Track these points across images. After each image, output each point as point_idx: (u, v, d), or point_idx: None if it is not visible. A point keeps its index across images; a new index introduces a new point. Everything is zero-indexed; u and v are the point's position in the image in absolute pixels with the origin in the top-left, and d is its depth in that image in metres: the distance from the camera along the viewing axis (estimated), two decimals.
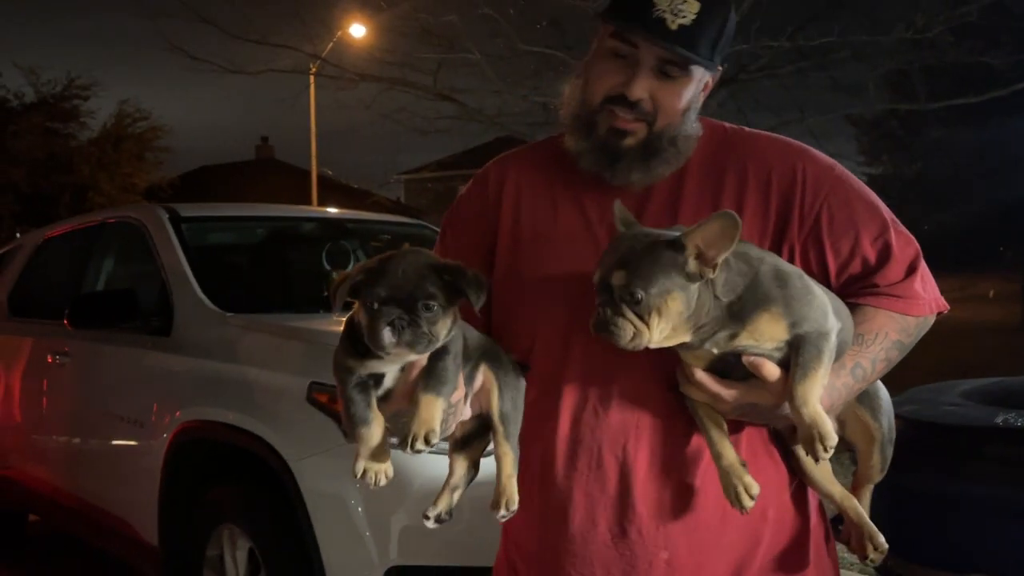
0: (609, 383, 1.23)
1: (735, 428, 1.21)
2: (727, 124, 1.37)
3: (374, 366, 1.12)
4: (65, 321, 3.32)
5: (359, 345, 1.10)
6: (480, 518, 2.37)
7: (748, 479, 1.15)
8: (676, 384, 1.20)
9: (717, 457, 1.17)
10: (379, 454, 1.12)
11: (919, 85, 9.39)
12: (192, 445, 2.92)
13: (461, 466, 1.27)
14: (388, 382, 1.14)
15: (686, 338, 1.13)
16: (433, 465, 2.26)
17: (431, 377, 1.11)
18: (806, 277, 1.17)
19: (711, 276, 1.09)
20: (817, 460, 1.15)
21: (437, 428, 1.08)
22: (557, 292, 1.28)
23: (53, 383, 3.91)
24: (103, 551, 3.68)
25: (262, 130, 31.58)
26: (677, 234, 1.10)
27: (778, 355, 1.14)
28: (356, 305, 1.13)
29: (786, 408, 1.13)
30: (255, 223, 4.24)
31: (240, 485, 2.75)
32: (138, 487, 3.13)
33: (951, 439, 2.32)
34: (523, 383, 1.25)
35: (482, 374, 1.21)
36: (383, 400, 1.14)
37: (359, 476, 1.11)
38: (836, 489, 1.29)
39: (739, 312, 1.12)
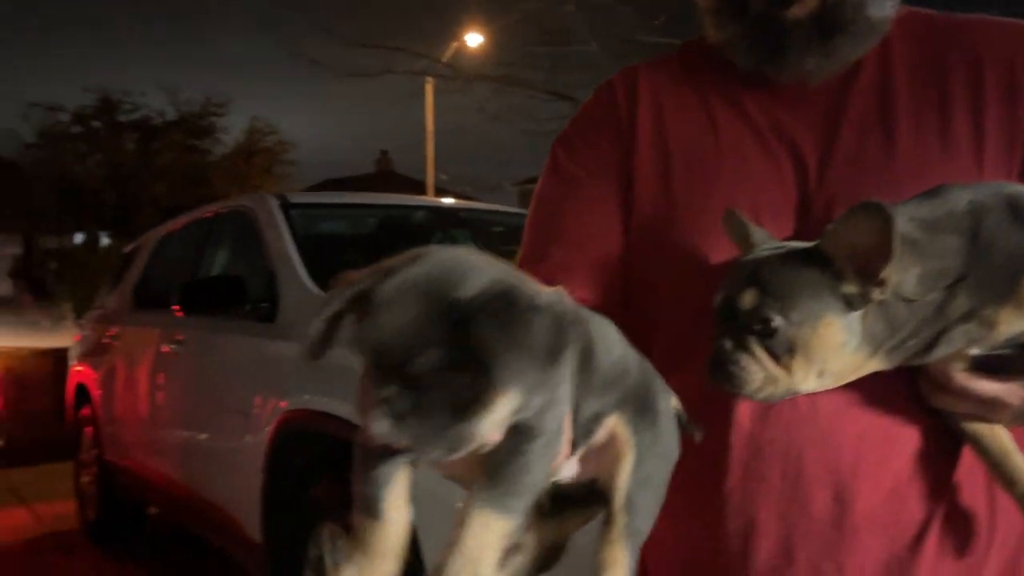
0: (842, 402, 0.85)
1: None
2: (929, 10, 1.01)
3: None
4: (175, 307, 3.27)
5: None
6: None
7: None
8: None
9: (1010, 484, 0.81)
10: (387, 560, 0.67)
11: None
12: (295, 436, 2.75)
13: (534, 542, 0.81)
14: None
15: (868, 369, 0.79)
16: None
17: (496, 477, 0.65)
18: None
19: (879, 297, 0.74)
20: None
21: (486, 573, 0.64)
22: (727, 245, 0.89)
23: (168, 373, 3.90)
24: (218, 548, 3.61)
25: (382, 144, 32.57)
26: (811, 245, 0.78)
27: None
28: None
29: None
30: (366, 211, 4.12)
31: (342, 481, 2.55)
32: (243, 480, 3.00)
33: None
34: (675, 451, 0.81)
35: (609, 428, 0.77)
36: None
37: None
38: None
39: (980, 292, 0.76)
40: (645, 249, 0.97)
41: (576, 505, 0.82)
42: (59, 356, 7.61)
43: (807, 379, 0.77)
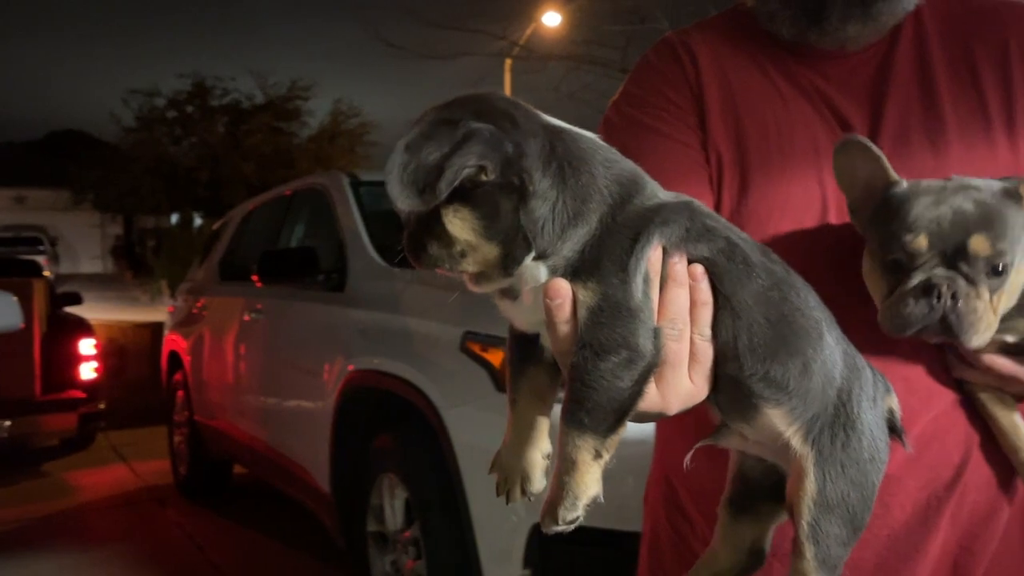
0: (888, 364, 0.86)
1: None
2: None
3: (503, 307, 0.71)
4: (254, 277, 3.51)
5: None
6: (636, 481, 2.21)
7: None
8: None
9: (1014, 451, 0.90)
10: (518, 452, 0.71)
11: None
12: (359, 394, 2.97)
13: (729, 543, 0.80)
14: (546, 342, 0.71)
15: None
16: None
17: (569, 394, 0.65)
18: None
19: None
20: None
21: (584, 498, 0.65)
22: (809, 221, 0.89)
23: (249, 339, 4.18)
24: (294, 499, 3.88)
25: None
26: (1008, 184, 0.78)
27: None
28: None
29: None
30: None
31: (400, 434, 2.75)
32: (313, 436, 3.25)
33: None
34: (877, 470, 0.73)
35: (775, 426, 0.71)
36: None
37: (489, 472, 0.75)
38: None
39: None
40: None
41: (769, 500, 0.78)
42: (156, 328, 8.14)
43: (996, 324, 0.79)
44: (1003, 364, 0.85)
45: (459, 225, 0.65)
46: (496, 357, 2.28)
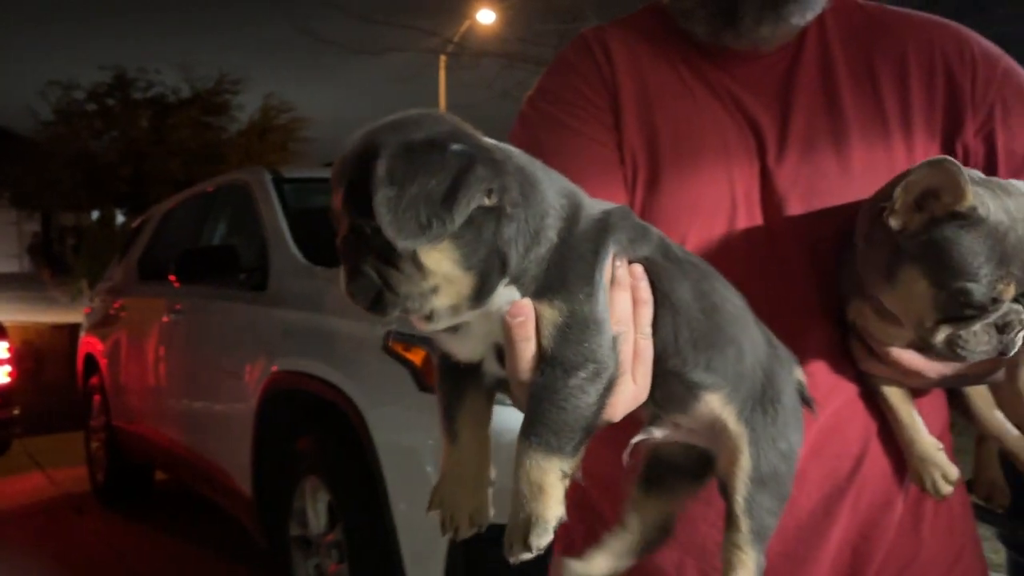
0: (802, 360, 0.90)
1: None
2: None
3: (439, 340, 0.68)
4: (172, 276, 3.41)
5: None
6: None
7: (947, 466, 0.94)
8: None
9: (909, 444, 0.94)
10: (465, 485, 0.69)
11: None
12: (282, 396, 2.91)
13: (638, 519, 0.81)
14: (491, 368, 0.69)
15: None
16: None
17: (531, 415, 0.63)
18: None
19: None
20: None
21: (554, 521, 0.64)
22: (718, 221, 0.91)
23: (169, 340, 4.06)
24: (215, 504, 3.78)
25: None
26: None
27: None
28: None
29: None
30: None
31: (322, 436, 2.71)
32: (235, 438, 3.17)
33: None
34: (799, 442, 0.77)
35: (713, 411, 0.73)
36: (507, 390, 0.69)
37: (428, 511, 0.71)
38: (1010, 431, 1.01)
39: None
40: None
41: (683, 475, 0.79)
42: (74, 330, 7.83)
43: None
44: (909, 359, 0.89)
45: (437, 257, 0.60)
46: (418, 356, 2.27)
